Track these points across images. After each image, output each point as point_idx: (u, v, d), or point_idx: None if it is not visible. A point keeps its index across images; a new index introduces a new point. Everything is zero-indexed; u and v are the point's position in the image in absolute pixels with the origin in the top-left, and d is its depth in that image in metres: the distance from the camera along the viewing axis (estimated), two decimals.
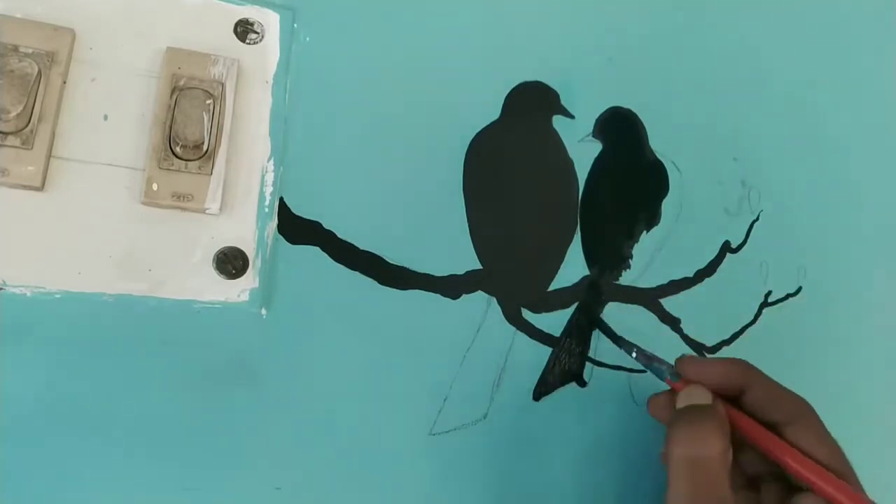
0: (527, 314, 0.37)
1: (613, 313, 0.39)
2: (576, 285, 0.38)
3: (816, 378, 0.43)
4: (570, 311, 0.38)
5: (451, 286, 0.36)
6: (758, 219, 0.44)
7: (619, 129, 0.41)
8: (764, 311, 0.43)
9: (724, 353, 0.41)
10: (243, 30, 0.34)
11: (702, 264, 0.42)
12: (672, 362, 0.34)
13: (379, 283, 0.34)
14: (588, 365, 0.38)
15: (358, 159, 0.35)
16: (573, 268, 0.39)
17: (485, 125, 0.38)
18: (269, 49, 0.34)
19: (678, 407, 0.32)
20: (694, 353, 0.34)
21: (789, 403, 0.32)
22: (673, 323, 0.40)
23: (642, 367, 0.39)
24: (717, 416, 0.30)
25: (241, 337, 0.32)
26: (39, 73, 0.29)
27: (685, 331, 0.40)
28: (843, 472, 0.31)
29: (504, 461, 0.35)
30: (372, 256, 0.34)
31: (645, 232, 0.41)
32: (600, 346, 0.38)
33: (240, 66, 0.33)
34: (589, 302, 0.39)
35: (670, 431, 0.30)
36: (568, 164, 0.40)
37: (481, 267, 0.36)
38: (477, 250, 0.37)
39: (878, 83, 0.50)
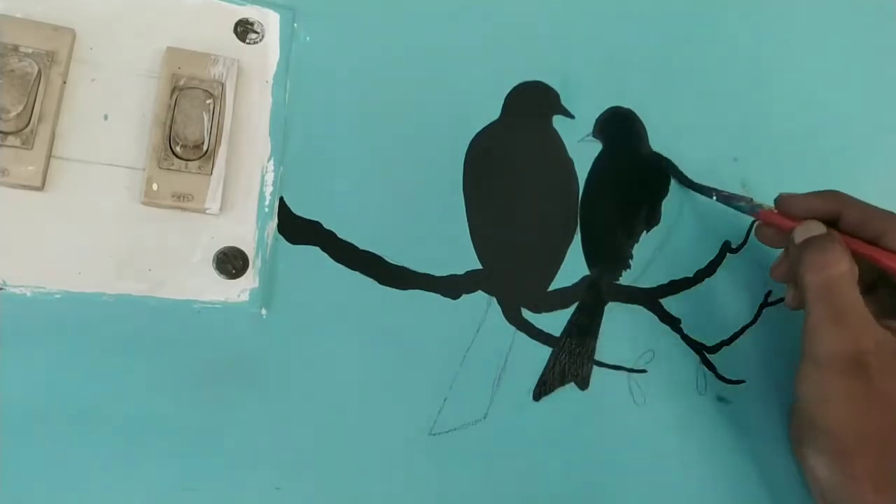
0: (527, 314, 0.37)
1: (613, 313, 0.39)
2: (576, 285, 0.38)
3: None
4: (570, 311, 0.38)
5: (451, 286, 0.36)
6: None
7: (619, 129, 0.41)
8: (764, 311, 0.43)
9: (724, 352, 0.41)
10: (243, 30, 0.34)
11: (702, 264, 0.42)
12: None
13: (379, 283, 0.34)
14: (587, 365, 0.38)
15: (358, 159, 0.35)
16: (573, 268, 0.39)
17: (485, 125, 0.38)
18: (269, 49, 0.34)
19: (798, 241, 0.36)
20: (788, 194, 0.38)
21: (880, 220, 0.36)
22: (673, 323, 0.40)
23: (642, 368, 0.39)
24: (837, 239, 0.35)
25: (241, 337, 0.32)
26: (39, 72, 0.29)
27: (685, 331, 0.40)
28: None
29: (504, 461, 0.35)
30: (372, 256, 0.34)
31: (645, 232, 0.41)
32: (600, 346, 0.38)
33: (240, 66, 0.33)
34: (589, 302, 0.39)
35: (802, 263, 0.35)
36: (568, 164, 0.40)
37: (481, 267, 0.36)
38: (477, 250, 0.37)
39: (879, 83, 0.50)
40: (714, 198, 0.41)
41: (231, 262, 0.32)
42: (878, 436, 0.34)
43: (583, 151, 0.40)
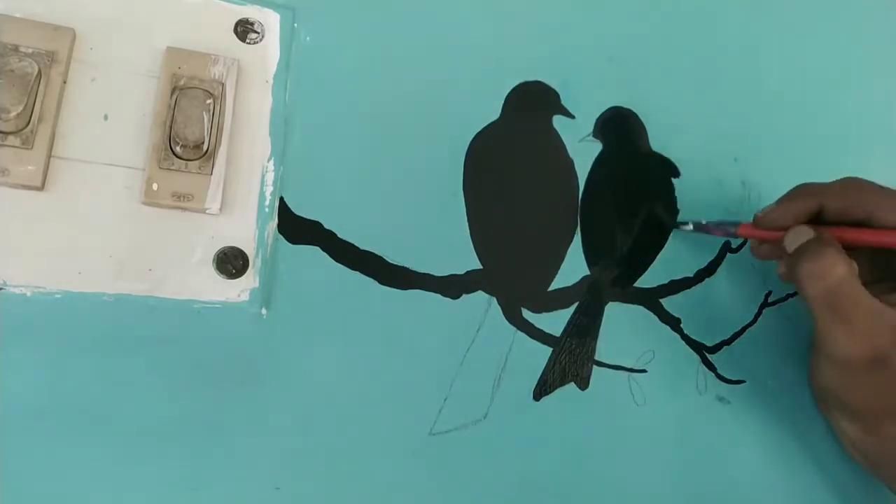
0: (527, 314, 0.37)
1: (613, 313, 0.39)
2: (576, 285, 0.38)
3: None
4: (570, 311, 0.38)
5: (451, 286, 0.36)
6: None
7: (619, 129, 0.41)
8: (764, 311, 0.43)
9: (724, 352, 0.41)
10: (243, 29, 0.34)
11: (702, 264, 0.42)
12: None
13: (379, 283, 0.34)
14: (587, 365, 0.38)
15: (358, 159, 0.35)
16: (573, 268, 0.39)
17: (485, 125, 0.38)
18: (270, 49, 0.34)
19: (790, 251, 0.35)
20: (764, 208, 0.37)
21: (863, 201, 0.35)
22: (673, 323, 0.40)
23: (642, 368, 0.39)
24: (829, 241, 0.34)
25: (241, 337, 0.32)
26: (39, 72, 0.29)
27: (685, 331, 0.40)
28: None
29: (504, 461, 0.35)
30: (372, 256, 0.34)
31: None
32: (600, 346, 0.38)
33: (240, 66, 0.33)
34: (589, 302, 0.39)
35: (799, 276, 0.34)
36: (568, 164, 0.40)
37: (481, 267, 0.36)
38: (477, 250, 0.37)
39: (879, 83, 0.50)
40: (691, 228, 0.40)
41: (231, 262, 0.32)
42: None
43: (583, 151, 0.40)
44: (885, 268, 0.37)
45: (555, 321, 0.38)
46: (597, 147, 0.40)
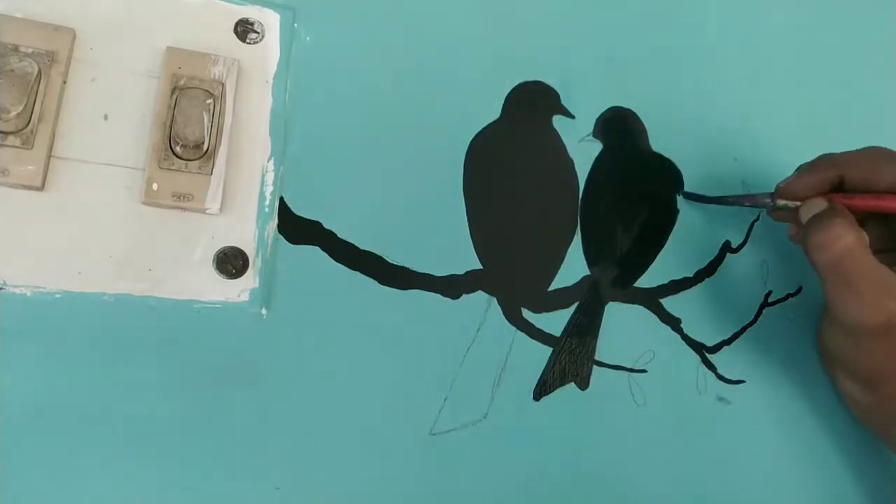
0: (527, 314, 0.37)
1: (613, 313, 0.39)
2: (576, 285, 0.38)
3: (816, 379, 0.43)
4: (570, 311, 0.38)
5: (451, 286, 0.36)
6: (758, 219, 0.44)
7: (620, 128, 0.41)
8: (764, 311, 0.43)
9: (725, 352, 0.41)
10: (243, 30, 0.34)
11: (702, 264, 0.42)
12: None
13: (379, 283, 0.34)
14: (587, 365, 0.38)
15: (358, 159, 0.35)
16: (573, 268, 0.39)
17: (485, 125, 0.38)
18: (270, 49, 0.34)
19: (803, 223, 0.36)
20: (786, 178, 0.38)
21: (888, 171, 0.35)
22: (673, 323, 0.40)
23: (642, 368, 0.39)
24: (838, 211, 0.35)
25: (241, 337, 0.32)
26: (39, 72, 0.29)
27: (685, 331, 0.40)
28: None
29: (504, 461, 0.35)
30: (372, 256, 0.34)
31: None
32: (600, 346, 0.38)
33: (240, 66, 0.33)
34: (589, 302, 0.39)
35: (809, 244, 0.35)
36: (568, 164, 0.40)
37: (481, 267, 0.36)
38: (477, 250, 0.37)
39: (879, 83, 0.50)
40: (731, 201, 0.40)
41: (231, 262, 0.32)
42: None
43: (583, 151, 0.40)
44: None
45: (555, 321, 0.38)
46: (597, 147, 0.41)
